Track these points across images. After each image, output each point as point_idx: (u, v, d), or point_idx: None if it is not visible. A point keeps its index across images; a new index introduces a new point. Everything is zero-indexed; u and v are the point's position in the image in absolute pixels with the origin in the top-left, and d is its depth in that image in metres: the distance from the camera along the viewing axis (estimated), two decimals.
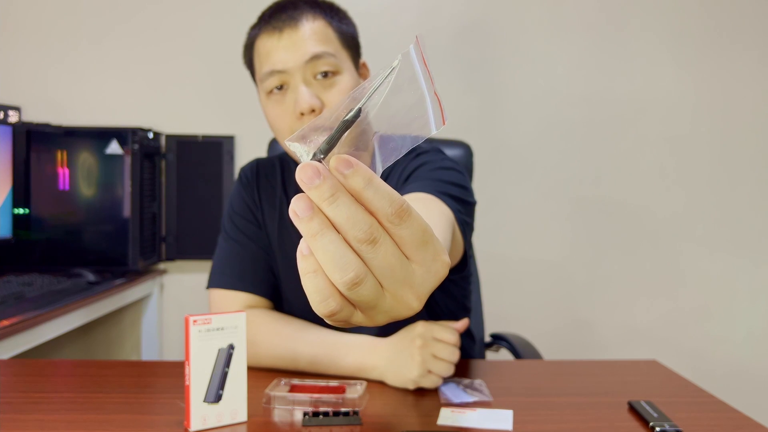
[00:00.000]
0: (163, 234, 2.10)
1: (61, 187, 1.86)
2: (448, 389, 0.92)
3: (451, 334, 0.94)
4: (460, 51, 2.17)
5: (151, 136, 1.99)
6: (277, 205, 1.18)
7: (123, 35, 2.14)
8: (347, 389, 0.87)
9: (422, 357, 0.92)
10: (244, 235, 1.16)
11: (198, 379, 0.77)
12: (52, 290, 1.56)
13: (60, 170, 1.86)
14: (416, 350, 0.92)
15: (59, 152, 1.87)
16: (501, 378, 1.02)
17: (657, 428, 0.78)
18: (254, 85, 1.15)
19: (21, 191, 1.85)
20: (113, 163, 1.87)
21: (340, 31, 1.08)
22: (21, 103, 2.08)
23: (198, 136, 2.11)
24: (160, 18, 2.14)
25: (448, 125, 0.41)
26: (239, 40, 1.16)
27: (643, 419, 0.82)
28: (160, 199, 2.09)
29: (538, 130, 2.18)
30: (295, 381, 0.91)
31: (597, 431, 0.80)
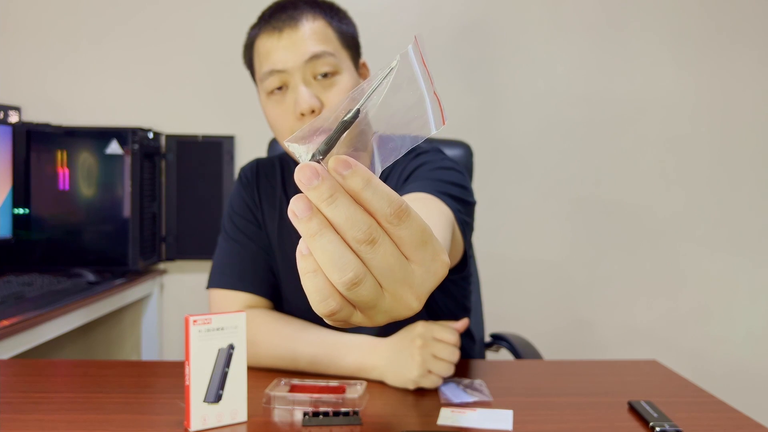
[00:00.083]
0: (163, 234, 2.10)
1: (61, 187, 1.86)
2: (448, 389, 0.92)
3: (451, 334, 0.94)
4: (460, 51, 2.17)
5: (151, 136, 1.99)
6: (277, 205, 1.18)
7: (123, 35, 2.14)
8: (347, 389, 0.87)
9: (422, 357, 0.92)
10: (244, 235, 1.16)
11: (198, 379, 0.77)
12: (52, 290, 1.56)
13: (60, 170, 1.86)
14: (416, 350, 0.92)
15: (59, 152, 1.87)
16: (501, 378, 1.02)
17: (657, 428, 0.78)
18: (254, 85, 1.15)
19: (21, 191, 1.85)
20: (113, 163, 1.87)
21: (340, 31, 1.08)
22: (21, 103, 2.08)
23: (198, 136, 2.11)
24: (160, 18, 2.14)
25: (448, 125, 0.41)
26: (239, 40, 1.16)
27: (643, 419, 0.82)
28: (160, 199, 2.09)
29: (538, 130, 2.18)
30: (295, 381, 0.91)
31: (597, 431, 0.80)
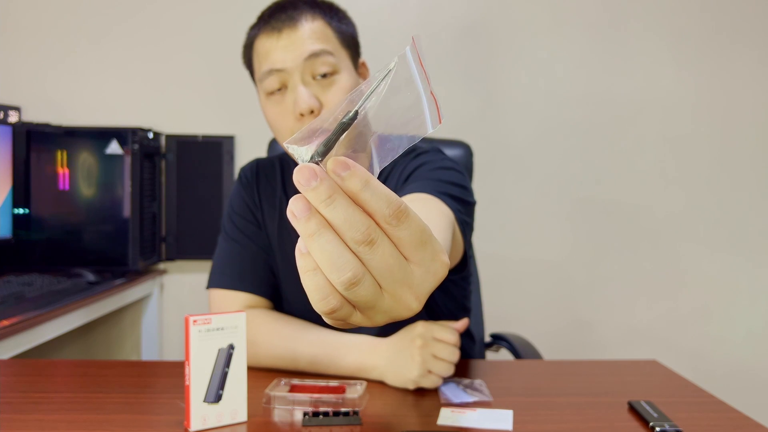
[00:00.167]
0: (163, 234, 2.10)
1: (61, 187, 1.86)
2: (448, 389, 0.92)
3: (451, 334, 0.94)
4: (461, 50, 2.17)
5: (151, 136, 1.99)
6: (277, 205, 1.18)
7: (123, 35, 2.14)
8: (347, 389, 0.87)
9: (422, 357, 0.92)
10: (244, 235, 1.16)
11: (198, 379, 0.77)
12: (52, 290, 1.56)
13: (60, 170, 1.86)
14: (416, 350, 0.92)
15: (59, 152, 1.87)
16: (501, 378, 1.02)
17: (657, 428, 0.78)
18: (254, 86, 1.15)
19: (21, 191, 1.85)
20: (113, 163, 1.87)
21: (339, 31, 1.08)
22: (21, 103, 2.08)
23: (198, 136, 2.11)
24: (160, 18, 2.14)
25: (449, 125, 0.41)
26: (239, 40, 1.16)
27: (643, 419, 0.82)
28: (160, 199, 2.09)
29: (538, 130, 2.18)
30: (295, 381, 0.91)
31: (597, 431, 0.80)
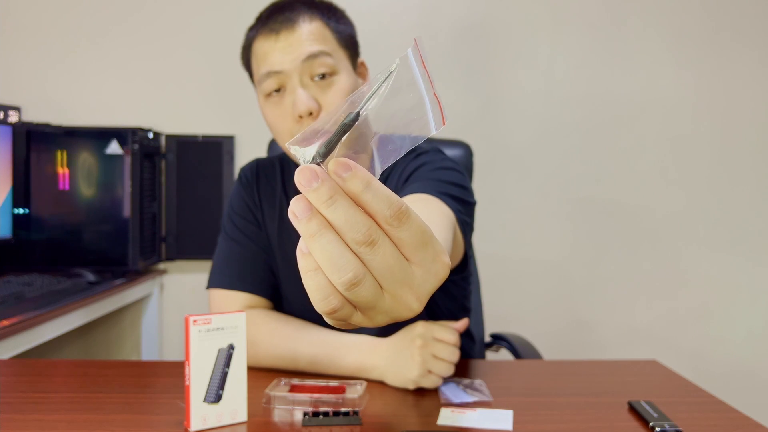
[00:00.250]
0: (163, 234, 2.10)
1: (61, 187, 1.86)
2: (448, 389, 0.92)
3: (451, 334, 0.94)
4: (461, 50, 2.17)
5: (151, 136, 1.99)
6: (277, 205, 1.18)
7: (123, 35, 2.14)
8: (347, 389, 0.87)
9: (422, 357, 0.92)
10: (244, 235, 1.16)
11: (198, 379, 0.77)
12: (52, 290, 1.56)
13: (60, 170, 1.86)
14: (416, 350, 0.92)
15: (59, 152, 1.86)
16: (501, 378, 1.02)
17: (657, 428, 0.78)
18: (253, 87, 1.15)
19: (21, 191, 1.84)
20: (113, 163, 1.87)
21: (338, 31, 1.08)
22: (21, 103, 2.08)
23: (198, 136, 2.11)
24: (160, 17, 2.14)
25: (448, 125, 0.41)
26: (239, 40, 1.16)
27: (643, 419, 0.82)
28: (160, 199, 2.09)
29: (539, 130, 2.17)
30: (295, 381, 0.91)
31: (597, 431, 0.80)
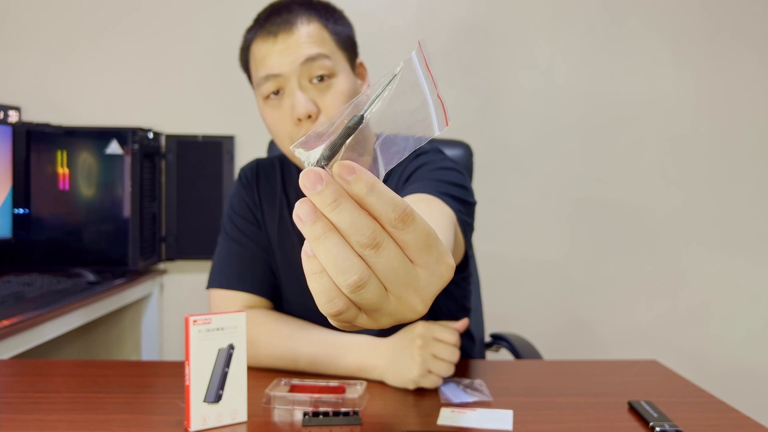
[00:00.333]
0: (163, 234, 2.10)
1: (61, 187, 1.86)
2: (448, 389, 0.92)
3: (451, 334, 0.94)
4: (460, 51, 2.17)
5: (151, 136, 1.99)
6: (277, 206, 1.18)
7: (123, 35, 2.14)
8: (347, 389, 0.87)
9: (422, 357, 0.92)
10: (244, 235, 1.16)
11: (198, 379, 0.77)
12: (52, 290, 1.56)
13: (60, 170, 1.86)
14: (416, 350, 0.92)
15: (59, 152, 1.86)
16: (501, 378, 1.02)
17: (657, 428, 0.78)
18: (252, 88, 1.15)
19: (21, 191, 1.84)
20: (113, 163, 1.87)
21: (336, 33, 1.08)
22: (21, 103, 2.08)
23: (198, 136, 2.11)
24: (160, 17, 2.14)
25: (449, 125, 0.41)
26: (239, 40, 1.16)
27: (643, 419, 0.82)
28: (160, 199, 2.09)
29: (539, 130, 2.17)
30: (295, 381, 0.91)
31: (597, 431, 0.80)
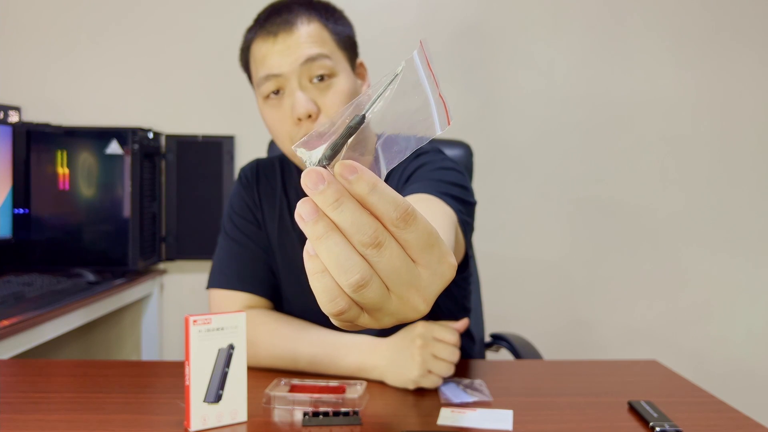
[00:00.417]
0: (163, 234, 2.10)
1: (61, 187, 1.86)
2: (448, 389, 0.92)
3: (451, 334, 0.94)
4: (460, 51, 2.17)
5: (151, 136, 1.99)
6: (277, 206, 1.18)
7: (122, 34, 2.14)
8: (347, 389, 0.87)
9: (422, 357, 0.92)
10: (244, 235, 1.16)
11: (198, 379, 0.77)
12: (52, 290, 1.56)
13: (60, 170, 1.86)
14: (416, 350, 0.92)
15: (59, 152, 1.86)
16: (501, 378, 1.02)
17: (657, 428, 0.78)
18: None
19: (21, 191, 1.84)
20: (113, 163, 1.87)
21: (336, 32, 1.08)
22: (21, 103, 2.08)
23: (198, 136, 2.11)
24: (160, 17, 2.14)
25: (450, 125, 0.41)
26: (239, 40, 1.16)
27: (643, 419, 0.82)
28: (160, 199, 2.09)
29: (539, 130, 2.17)
30: (295, 381, 0.91)
31: (597, 431, 0.80)
